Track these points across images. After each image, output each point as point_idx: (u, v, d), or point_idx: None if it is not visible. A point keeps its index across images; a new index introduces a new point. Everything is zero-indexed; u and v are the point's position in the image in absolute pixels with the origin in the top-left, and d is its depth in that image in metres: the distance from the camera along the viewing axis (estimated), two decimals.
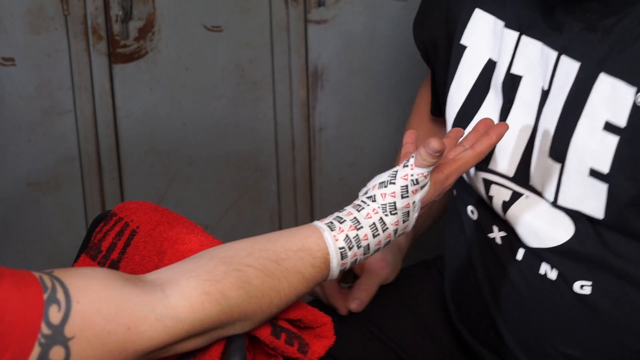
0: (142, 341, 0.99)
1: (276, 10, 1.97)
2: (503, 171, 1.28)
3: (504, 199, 1.28)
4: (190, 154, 2.02)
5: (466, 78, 1.33)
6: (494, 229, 1.31)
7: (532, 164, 1.26)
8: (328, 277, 1.14)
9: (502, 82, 1.28)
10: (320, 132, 2.08)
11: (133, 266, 1.19)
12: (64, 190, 1.98)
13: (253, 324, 1.09)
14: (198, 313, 1.02)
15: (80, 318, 0.95)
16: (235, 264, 1.07)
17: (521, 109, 1.26)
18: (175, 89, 1.97)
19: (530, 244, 1.27)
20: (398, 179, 1.15)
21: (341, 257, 1.13)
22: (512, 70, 1.27)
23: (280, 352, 1.14)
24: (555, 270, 1.25)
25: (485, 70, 1.31)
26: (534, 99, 1.25)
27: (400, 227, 1.16)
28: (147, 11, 1.91)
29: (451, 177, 1.20)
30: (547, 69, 1.23)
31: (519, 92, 1.26)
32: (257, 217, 2.10)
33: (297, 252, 1.11)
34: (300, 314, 1.15)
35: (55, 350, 0.94)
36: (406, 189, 1.15)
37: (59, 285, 0.95)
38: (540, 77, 1.24)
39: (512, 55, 1.27)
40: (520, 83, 1.26)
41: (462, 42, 1.34)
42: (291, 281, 1.10)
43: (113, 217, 1.23)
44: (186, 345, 1.05)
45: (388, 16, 2.02)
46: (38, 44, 1.87)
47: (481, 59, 1.32)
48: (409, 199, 1.15)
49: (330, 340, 1.17)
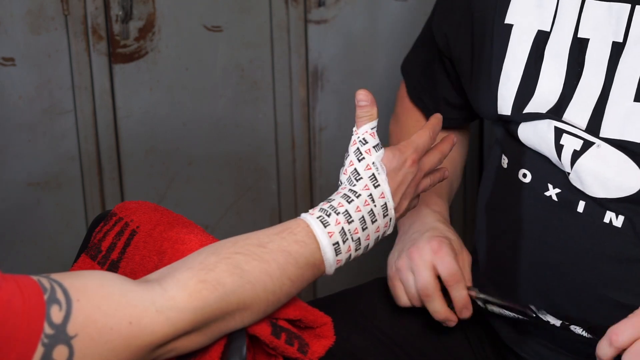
0: (145, 335, 0.99)
1: (276, 10, 1.97)
2: (575, 122, 1.31)
3: (575, 148, 1.30)
4: (190, 154, 2.02)
5: (519, 53, 1.36)
6: (549, 187, 1.34)
7: (606, 115, 1.28)
8: (322, 251, 1.15)
9: (569, 48, 1.32)
10: (320, 132, 2.08)
11: (133, 266, 1.19)
12: (64, 190, 1.98)
13: (252, 315, 1.09)
14: (197, 301, 1.03)
15: (82, 316, 0.95)
16: (224, 254, 1.09)
17: (592, 69, 1.30)
18: (176, 89, 1.97)
19: (596, 194, 1.29)
20: (350, 148, 1.24)
21: (323, 225, 1.15)
22: (579, 34, 1.31)
23: (280, 352, 1.14)
24: (622, 217, 1.28)
25: (536, 42, 1.35)
26: (603, 56, 1.29)
27: (375, 193, 1.19)
28: (147, 11, 1.91)
29: (407, 146, 1.26)
30: (618, 23, 1.28)
31: (589, 53, 1.30)
32: (257, 217, 2.10)
33: (278, 234, 1.14)
34: (300, 314, 1.15)
35: (59, 350, 0.94)
36: (359, 151, 1.23)
37: (57, 286, 0.96)
38: (609, 34, 1.29)
39: (577, 21, 1.31)
40: (589, 45, 1.31)
41: (508, 22, 1.38)
42: (279, 262, 1.11)
43: (113, 217, 1.23)
44: (188, 343, 1.05)
45: (388, 16, 2.02)
46: (38, 44, 1.87)
47: (531, 32, 1.36)
48: (366, 160, 1.22)
49: (330, 340, 1.17)
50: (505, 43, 1.38)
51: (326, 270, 1.17)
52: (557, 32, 1.34)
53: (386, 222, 1.22)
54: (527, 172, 1.37)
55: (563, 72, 1.33)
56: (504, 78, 1.38)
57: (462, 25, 1.45)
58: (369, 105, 1.22)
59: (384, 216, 1.21)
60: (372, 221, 1.20)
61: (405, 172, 1.25)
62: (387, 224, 1.22)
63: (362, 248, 1.20)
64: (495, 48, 1.39)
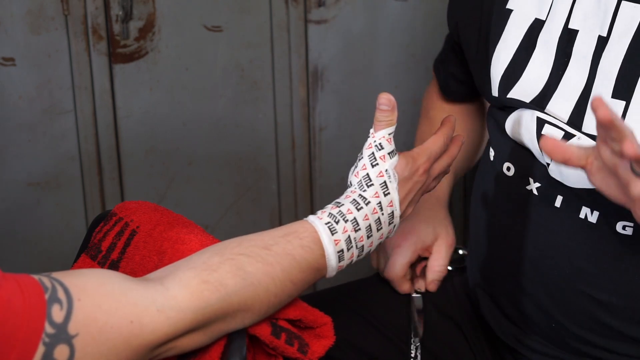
0: (146, 334, 0.99)
1: (276, 10, 1.97)
2: (558, 114, 1.31)
3: (556, 138, 1.29)
4: (191, 154, 2.02)
5: (513, 37, 1.37)
6: (530, 180, 1.34)
7: (588, 110, 1.28)
8: (327, 258, 1.15)
9: (558, 38, 1.32)
10: (320, 132, 2.08)
11: (133, 266, 1.19)
12: (64, 190, 1.98)
13: (253, 316, 1.09)
14: (199, 301, 1.03)
15: (83, 315, 0.95)
16: (228, 254, 1.09)
17: (577, 61, 1.30)
18: (176, 89, 1.97)
19: (575, 185, 1.29)
20: (364, 150, 1.21)
21: (330, 232, 1.15)
22: (569, 25, 1.32)
23: (280, 352, 1.14)
24: (596, 212, 1.28)
25: (531, 29, 1.36)
26: (588, 49, 1.29)
27: (384, 201, 1.20)
28: (147, 11, 1.91)
29: (421, 154, 1.25)
30: (604, 17, 1.28)
31: (576, 45, 1.31)
32: (257, 217, 2.10)
33: (284, 237, 1.13)
34: (300, 314, 1.15)
35: (60, 349, 0.94)
36: (373, 156, 1.20)
37: (58, 285, 0.96)
38: (596, 27, 1.29)
39: (569, 11, 1.32)
40: (577, 37, 1.31)
41: (508, 7, 1.39)
42: (283, 265, 1.11)
43: (113, 217, 1.23)
44: (189, 342, 1.05)
45: (388, 16, 2.02)
46: (38, 44, 1.87)
47: (527, 19, 1.36)
48: (380, 166, 1.20)
49: (330, 340, 1.17)
50: (503, 27, 1.39)
51: (327, 275, 1.18)
52: (551, 22, 1.34)
53: (390, 229, 1.22)
54: (511, 165, 1.38)
55: (551, 61, 1.33)
56: (494, 59, 1.39)
57: (472, 13, 1.46)
58: (389, 110, 1.20)
59: (389, 224, 1.21)
60: (377, 229, 1.20)
61: (416, 180, 1.25)
62: (390, 231, 1.23)
63: (364, 254, 1.20)
64: (492, 32, 1.40)
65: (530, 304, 1.37)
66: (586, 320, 1.32)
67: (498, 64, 1.38)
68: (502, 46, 1.38)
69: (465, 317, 1.50)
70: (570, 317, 1.33)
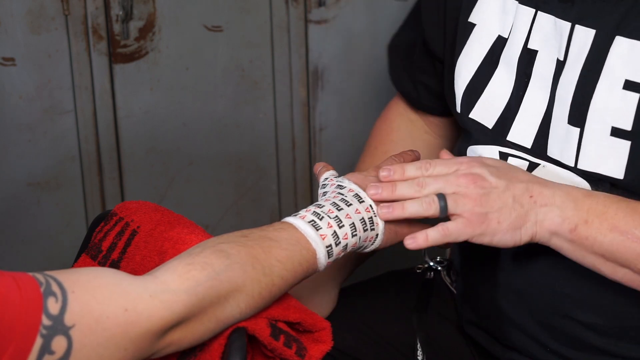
0: (142, 321, 1.00)
1: (276, 10, 1.97)
2: (520, 143, 1.31)
3: None
4: (191, 154, 2.03)
5: (475, 54, 1.36)
6: None
7: (551, 134, 1.28)
8: (304, 232, 1.17)
9: (518, 57, 1.31)
10: (321, 132, 2.08)
11: (134, 266, 1.19)
12: (64, 190, 1.98)
13: (247, 298, 1.10)
14: (188, 281, 1.05)
15: (78, 306, 0.97)
16: (209, 245, 1.12)
17: (538, 82, 1.29)
18: (176, 89, 1.97)
19: None
20: (329, 195, 1.25)
21: (299, 216, 1.19)
22: (529, 45, 1.30)
23: (278, 354, 1.14)
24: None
25: (494, 47, 1.34)
26: (549, 71, 1.28)
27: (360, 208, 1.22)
28: (148, 11, 1.91)
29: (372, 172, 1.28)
30: (561, 40, 1.27)
31: (536, 66, 1.30)
32: (257, 217, 2.10)
33: (260, 229, 1.19)
34: (300, 317, 1.16)
35: (57, 341, 0.95)
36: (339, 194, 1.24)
37: (51, 280, 0.98)
38: (555, 50, 1.28)
39: (529, 31, 1.31)
40: (537, 57, 1.30)
41: (471, 20, 1.37)
42: (263, 245, 1.14)
43: (113, 217, 1.24)
44: (187, 334, 1.05)
45: (388, 16, 2.02)
46: (38, 44, 1.87)
47: (491, 35, 1.35)
48: (347, 187, 1.25)
49: (328, 345, 1.17)
50: (464, 40, 1.37)
51: (314, 247, 1.17)
52: (512, 40, 1.33)
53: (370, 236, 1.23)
54: None
55: (512, 80, 1.32)
56: (457, 73, 1.38)
57: (438, 24, 1.45)
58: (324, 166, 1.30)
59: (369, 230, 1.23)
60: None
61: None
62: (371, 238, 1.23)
63: (345, 228, 1.20)
64: (457, 43, 1.39)
65: (519, 334, 1.36)
66: (576, 342, 1.32)
67: (460, 79, 1.37)
68: (464, 61, 1.37)
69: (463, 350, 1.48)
70: (564, 343, 1.33)
